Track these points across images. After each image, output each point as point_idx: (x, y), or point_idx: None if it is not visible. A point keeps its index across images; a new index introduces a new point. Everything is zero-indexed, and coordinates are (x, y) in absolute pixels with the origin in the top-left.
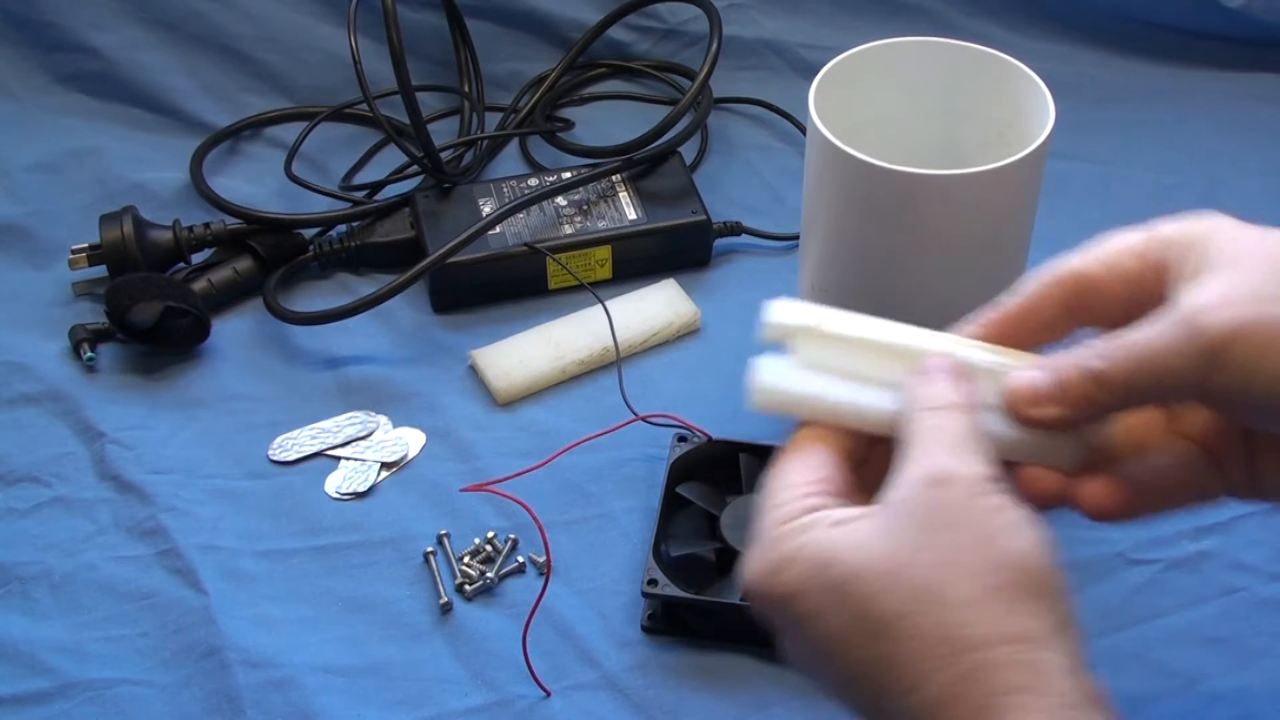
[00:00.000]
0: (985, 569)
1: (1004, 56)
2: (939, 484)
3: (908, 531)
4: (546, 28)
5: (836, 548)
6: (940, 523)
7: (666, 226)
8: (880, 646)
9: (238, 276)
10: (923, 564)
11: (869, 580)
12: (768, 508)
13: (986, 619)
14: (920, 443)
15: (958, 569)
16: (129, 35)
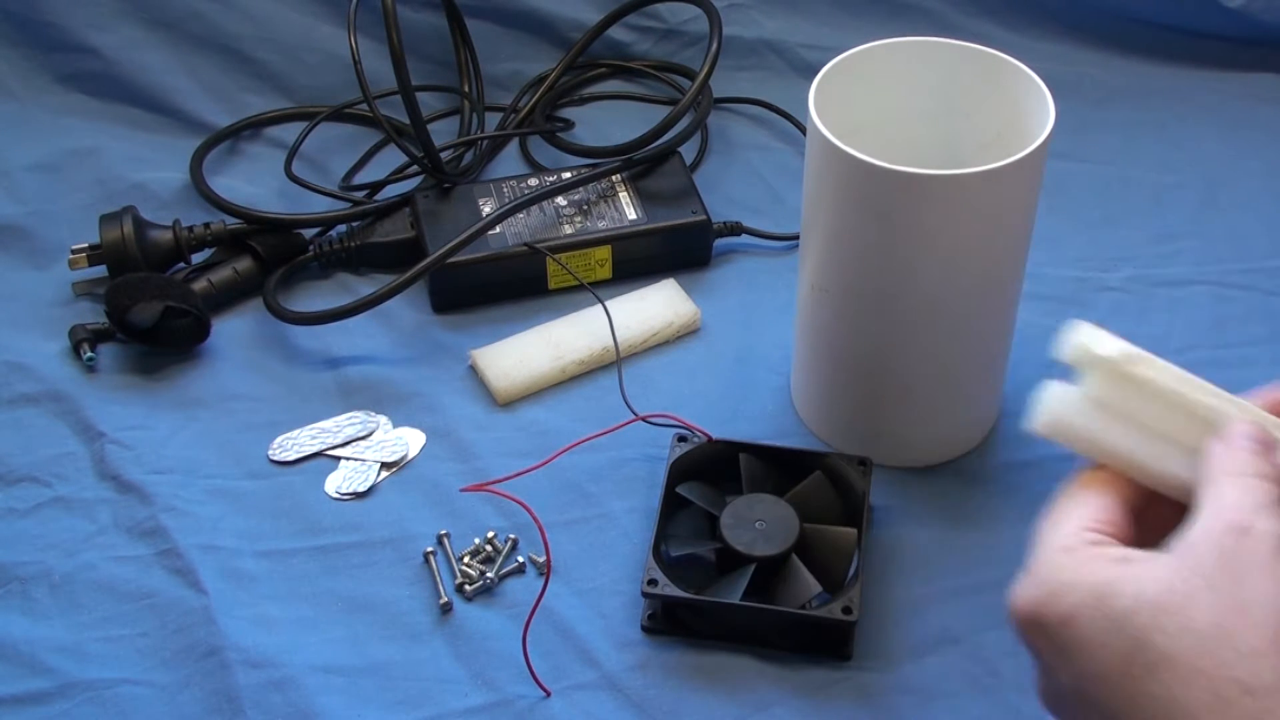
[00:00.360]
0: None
1: (1004, 56)
2: (1239, 533)
3: (1199, 574)
4: (546, 28)
5: (1120, 579)
6: (1235, 570)
7: (666, 226)
8: (1157, 683)
9: (238, 276)
10: (1212, 607)
11: (1152, 615)
12: (1047, 536)
13: (1274, 669)
14: (1221, 498)
15: (1249, 617)
16: (129, 35)
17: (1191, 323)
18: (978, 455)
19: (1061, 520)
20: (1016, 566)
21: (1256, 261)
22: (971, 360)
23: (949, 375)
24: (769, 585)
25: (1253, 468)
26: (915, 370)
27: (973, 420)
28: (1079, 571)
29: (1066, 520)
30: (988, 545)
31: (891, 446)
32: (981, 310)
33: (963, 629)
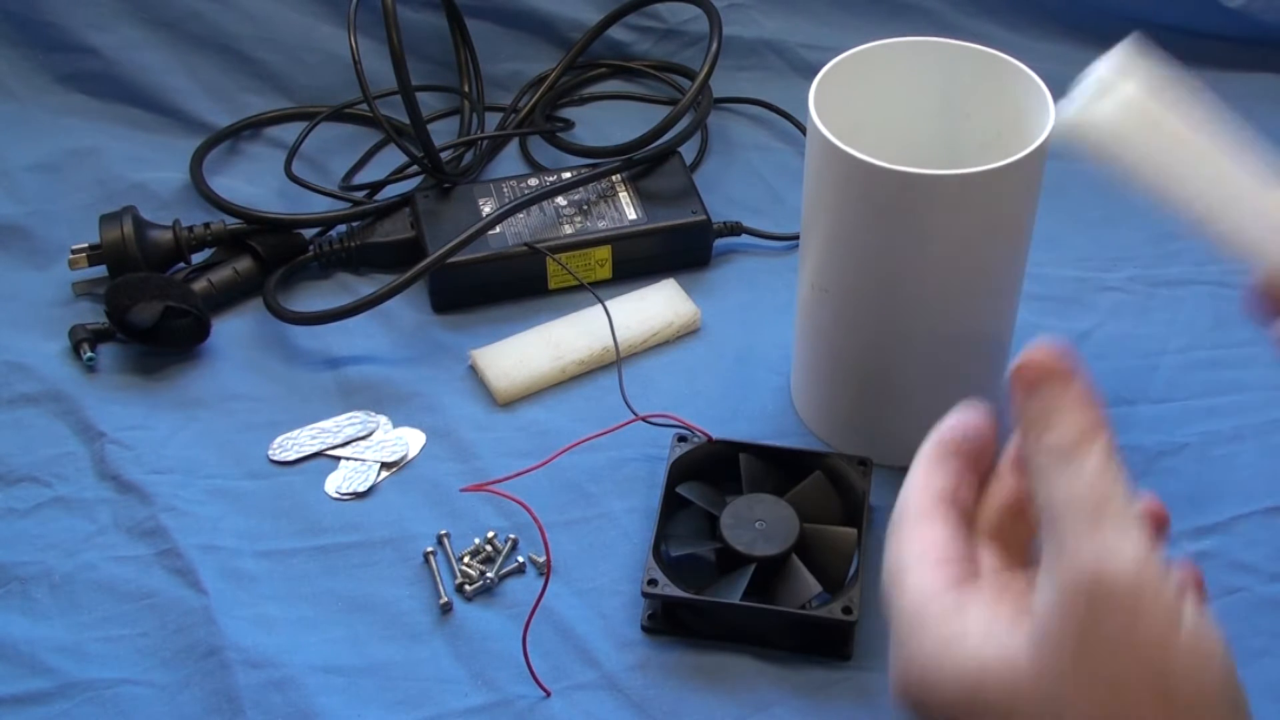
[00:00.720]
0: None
1: (1004, 56)
2: (1092, 600)
3: (1064, 658)
4: (546, 28)
5: (986, 670)
6: (1102, 651)
7: (666, 226)
8: None
9: (238, 276)
10: (1085, 706)
11: (1026, 714)
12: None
13: None
14: (1057, 517)
15: (1124, 706)
16: (129, 35)
17: (1191, 323)
18: None
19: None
20: None
21: None
22: (971, 360)
23: (949, 375)
24: (769, 585)
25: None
26: (915, 370)
27: None
28: (952, 661)
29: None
30: None
31: (891, 446)
32: (981, 310)
33: None
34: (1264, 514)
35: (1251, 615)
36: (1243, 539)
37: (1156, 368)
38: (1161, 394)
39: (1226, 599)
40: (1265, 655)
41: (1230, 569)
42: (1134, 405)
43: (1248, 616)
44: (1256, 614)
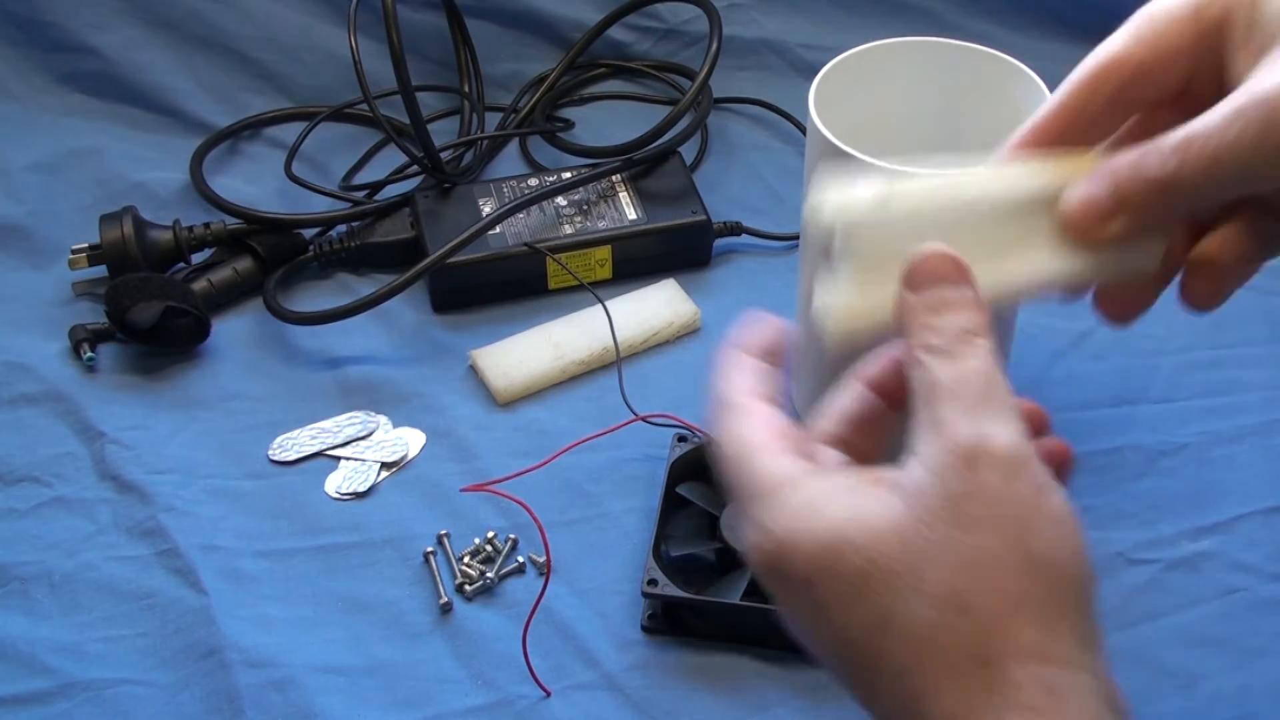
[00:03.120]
0: (1015, 576)
1: (1004, 56)
2: (967, 463)
3: (934, 521)
4: (546, 28)
5: (851, 531)
6: (969, 519)
7: (666, 226)
8: (893, 650)
9: (238, 276)
10: (947, 564)
11: (887, 579)
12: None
13: (1010, 633)
14: (937, 399)
15: (986, 574)
16: (129, 35)
17: (1191, 323)
18: None
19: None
20: None
21: None
22: None
23: None
24: None
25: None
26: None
27: None
28: (809, 522)
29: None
30: None
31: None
32: None
33: None
34: (1264, 514)
35: (1251, 615)
36: (1243, 539)
37: (1156, 368)
38: (1161, 394)
39: (1226, 599)
40: (1265, 655)
41: (1230, 569)
42: (1134, 405)
43: (1248, 616)
44: (1256, 614)
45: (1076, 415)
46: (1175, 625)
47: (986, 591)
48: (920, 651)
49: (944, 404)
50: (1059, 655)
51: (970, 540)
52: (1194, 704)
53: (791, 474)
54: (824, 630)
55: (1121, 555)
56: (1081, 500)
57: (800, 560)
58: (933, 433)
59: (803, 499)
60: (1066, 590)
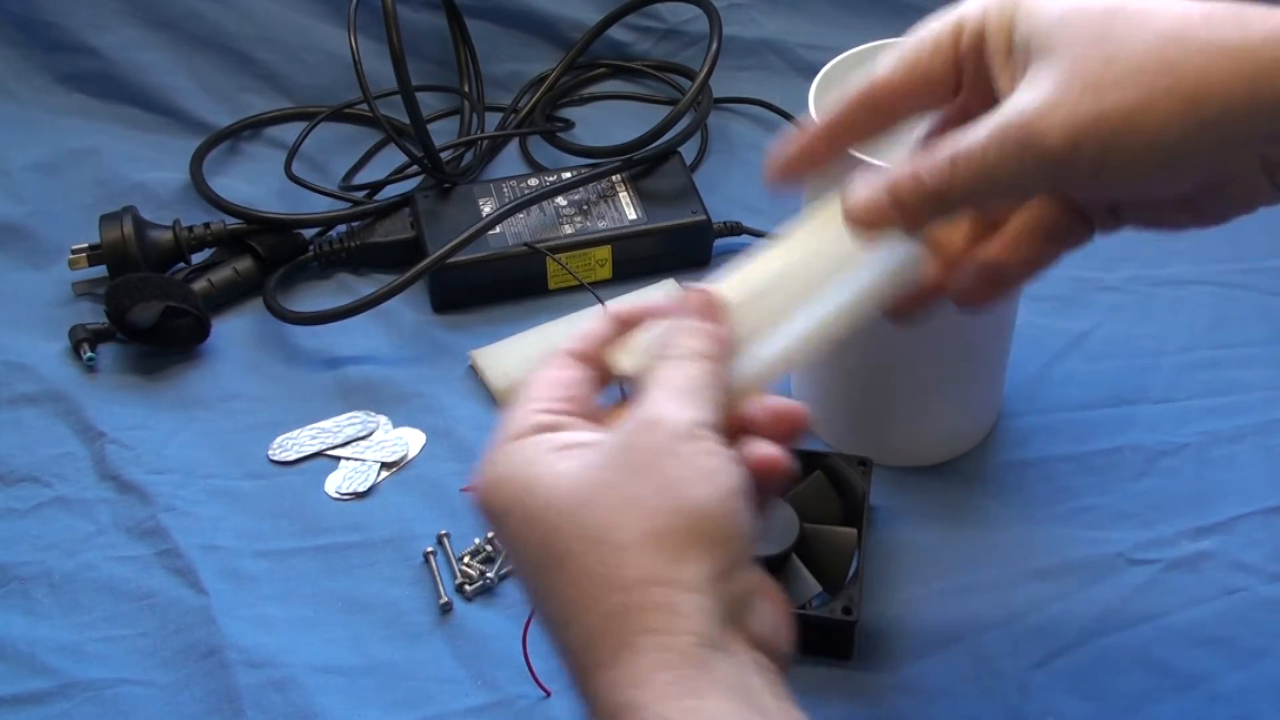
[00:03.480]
0: (658, 513)
1: None
2: (647, 428)
3: (603, 471)
4: (546, 28)
5: (540, 478)
6: (634, 465)
7: (666, 226)
8: (553, 580)
9: (238, 276)
10: (604, 504)
11: (555, 515)
12: (508, 416)
13: (642, 562)
14: (647, 389)
15: (633, 512)
16: (129, 35)
17: (1191, 323)
18: (978, 455)
19: (520, 400)
20: (1017, 566)
21: (1256, 261)
22: (971, 360)
23: (949, 375)
24: None
25: (688, 346)
26: (915, 370)
27: (973, 420)
28: (516, 464)
29: (524, 400)
30: (988, 545)
31: (891, 446)
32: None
33: (963, 629)
34: (1264, 514)
35: (1251, 615)
36: (1243, 539)
37: (1156, 368)
38: (1161, 394)
39: (1226, 599)
40: (1265, 655)
41: (1230, 569)
42: (1134, 405)
43: (1248, 616)
44: (1256, 614)
45: (1076, 415)
46: (1175, 625)
47: (631, 526)
48: (578, 579)
49: (649, 391)
50: (685, 581)
51: (625, 484)
52: (1194, 704)
53: (526, 426)
54: (517, 558)
55: (1121, 555)
56: (1081, 500)
57: (500, 497)
58: (632, 414)
59: (520, 451)
60: (705, 529)
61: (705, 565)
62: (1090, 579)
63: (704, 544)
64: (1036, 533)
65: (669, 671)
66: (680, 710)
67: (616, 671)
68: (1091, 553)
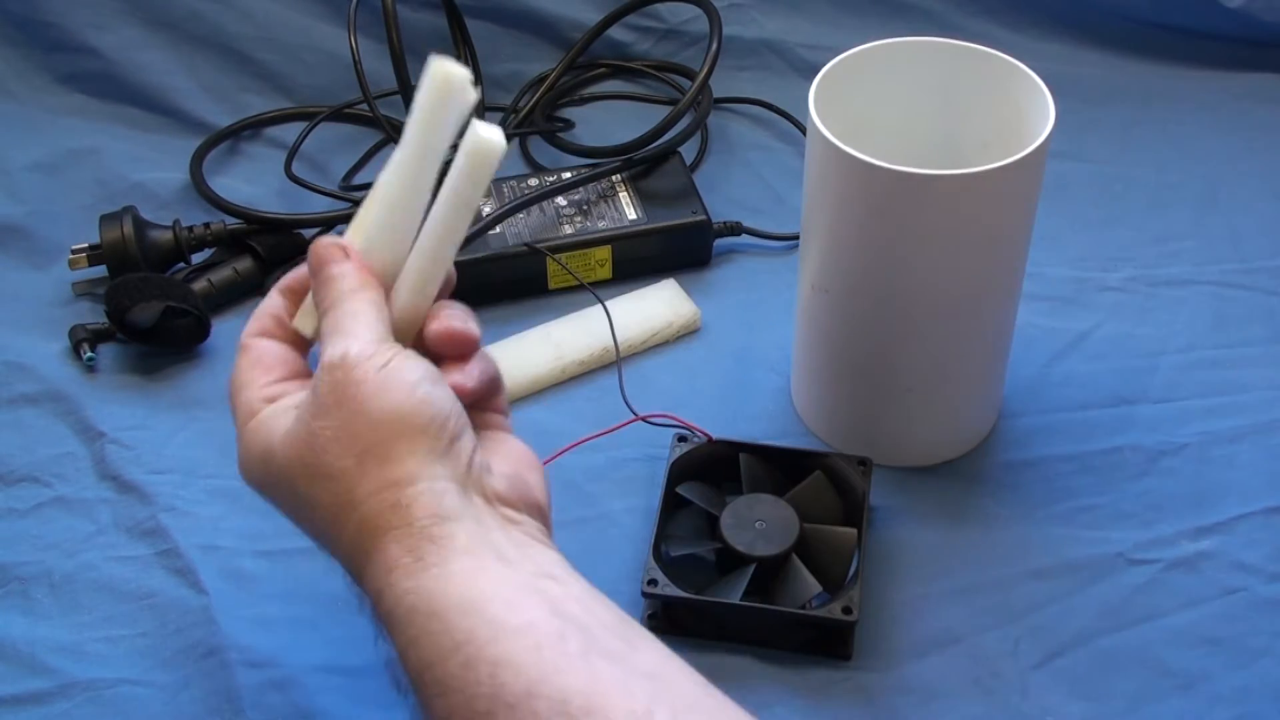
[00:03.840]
0: (362, 434)
1: (1004, 56)
2: (328, 370)
3: (309, 419)
4: (546, 28)
5: (271, 445)
6: (332, 403)
7: (666, 226)
8: (313, 523)
9: (238, 276)
10: (318, 447)
11: (289, 469)
12: (234, 406)
13: (362, 478)
14: (325, 337)
15: (342, 442)
16: (129, 35)
17: (1191, 323)
18: (978, 455)
19: (242, 386)
20: (1017, 566)
21: (1256, 261)
22: (971, 360)
23: (949, 375)
24: (769, 585)
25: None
26: (915, 370)
27: (973, 420)
28: (254, 442)
29: (247, 386)
30: (988, 545)
31: (891, 446)
32: (981, 310)
33: (963, 629)
34: (1264, 514)
35: (1251, 615)
36: (1243, 539)
37: (1156, 368)
38: (1161, 394)
39: (1226, 599)
40: (1265, 655)
41: (1230, 569)
42: (1134, 405)
43: (1248, 616)
44: (1256, 614)
45: (1076, 415)
46: (1175, 625)
47: (344, 455)
48: (324, 514)
49: (324, 340)
50: (403, 478)
51: (327, 422)
52: (1194, 704)
53: (254, 408)
54: (290, 518)
55: (1121, 555)
56: (1081, 500)
57: (254, 475)
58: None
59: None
60: (408, 426)
61: (417, 456)
62: (1090, 579)
63: (406, 439)
64: (1036, 533)
65: (409, 554)
66: (425, 579)
67: (371, 568)
68: (1091, 553)
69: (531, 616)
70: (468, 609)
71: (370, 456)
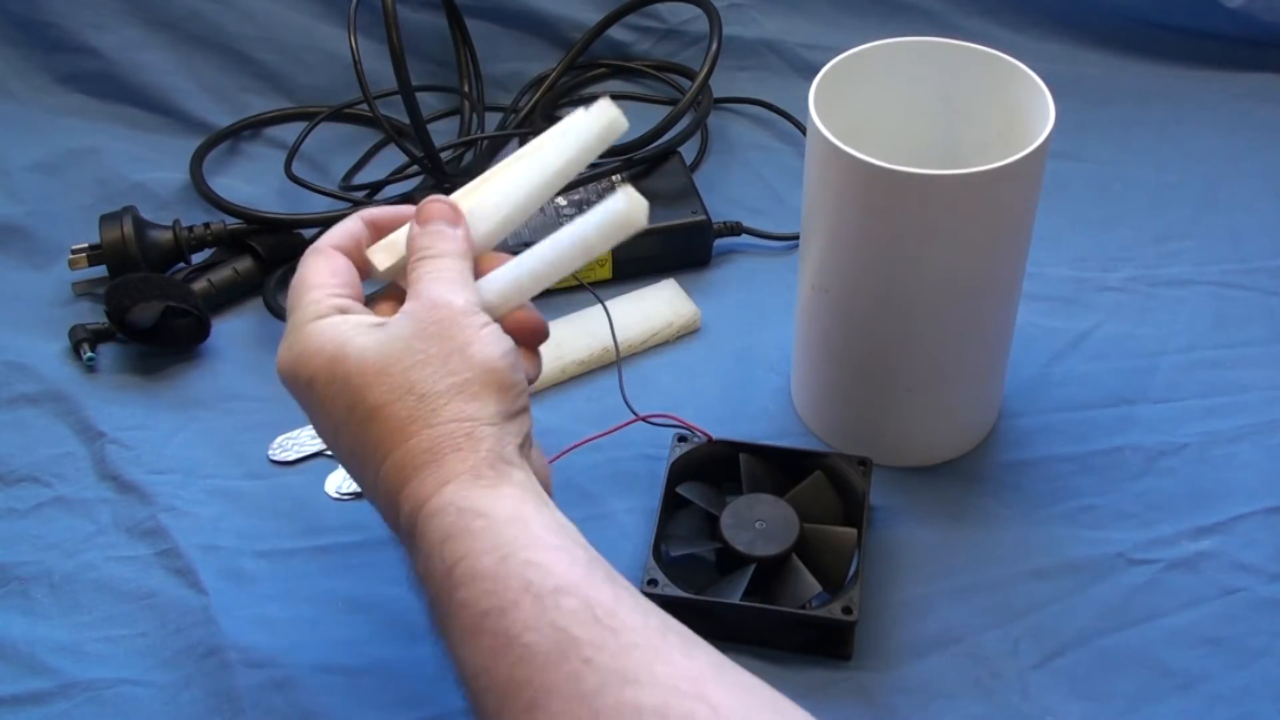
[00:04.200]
0: (454, 370)
1: (1004, 56)
2: (432, 306)
3: (404, 340)
4: (546, 28)
5: (349, 347)
6: (429, 335)
7: (666, 226)
8: (366, 429)
9: (238, 276)
10: (408, 365)
11: (365, 376)
12: (304, 300)
13: (448, 404)
14: (423, 280)
15: (433, 369)
16: (129, 35)
17: (1191, 323)
18: (978, 455)
19: (313, 284)
20: (1017, 566)
21: (1256, 261)
22: (971, 360)
23: (949, 375)
24: (769, 585)
25: (444, 247)
26: (915, 370)
27: (973, 420)
28: (323, 339)
29: (316, 285)
30: (988, 545)
31: (891, 446)
32: (981, 310)
33: (963, 629)
34: (1264, 514)
35: (1251, 615)
36: (1243, 539)
37: (1156, 368)
38: (1161, 394)
39: (1226, 599)
40: (1265, 655)
41: (1230, 569)
42: (1134, 405)
43: (1248, 616)
44: (1256, 614)
45: (1076, 415)
46: (1175, 625)
47: (433, 380)
48: (390, 424)
49: (423, 282)
50: (483, 418)
51: (425, 348)
52: (1194, 704)
53: (324, 308)
54: (324, 416)
55: (1121, 555)
56: (1081, 500)
57: (308, 368)
58: (414, 300)
59: (325, 330)
60: (491, 380)
61: (495, 407)
62: (1090, 579)
63: (493, 391)
64: (1036, 533)
65: (470, 472)
66: (478, 491)
67: (423, 477)
68: (1091, 553)
69: (566, 544)
70: (513, 520)
71: (459, 391)
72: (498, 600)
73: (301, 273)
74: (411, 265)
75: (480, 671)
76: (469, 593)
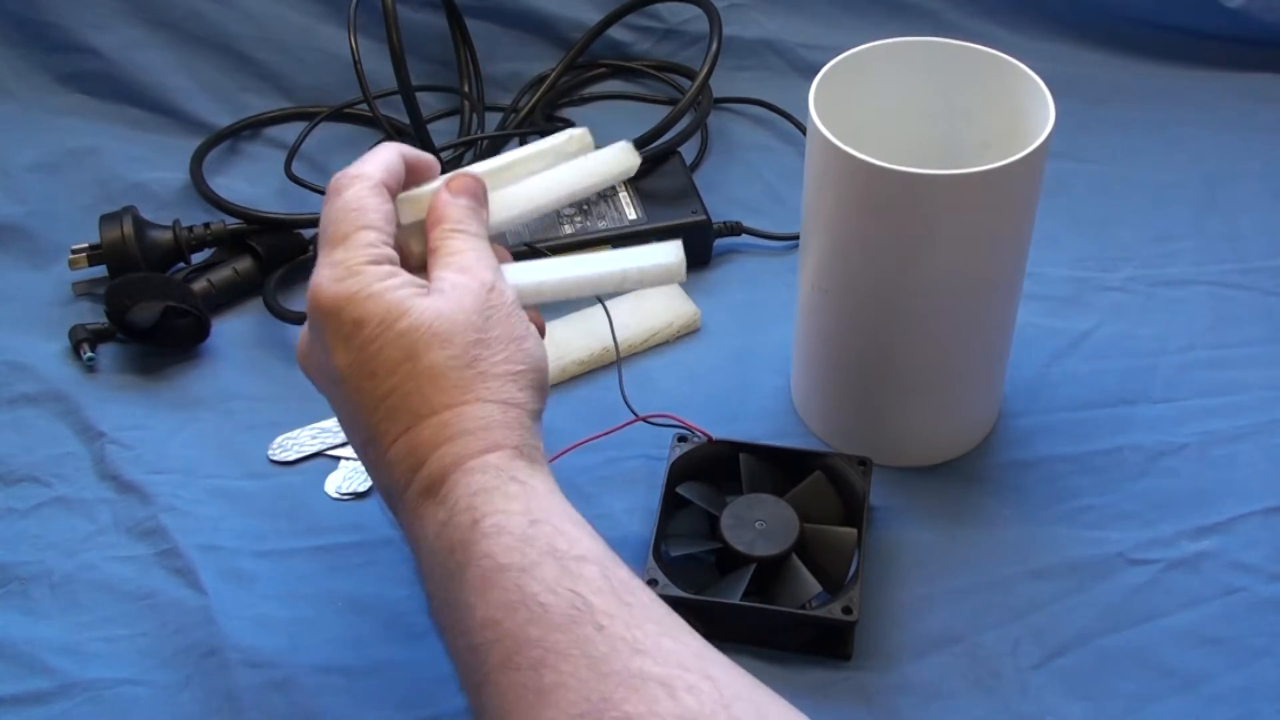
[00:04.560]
0: (512, 359)
1: (1004, 56)
2: (492, 291)
3: (466, 314)
4: (546, 28)
5: (410, 303)
6: (490, 318)
7: (666, 226)
8: (419, 384)
9: (238, 276)
10: (471, 340)
11: (423, 335)
12: (358, 237)
13: (500, 388)
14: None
15: (493, 351)
16: (129, 35)
17: (1191, 323)
18: (978, 455)
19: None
20: (1017, 566)
21: (1256, 261)
22: (971, 360)
23: (949, 375)
24: (769, 585)
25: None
26: (915, 370)
27: (973, 420)
28: (381, 287)
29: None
30: (988, 545)
31: (891, 446)
32: (981, 310)
33: (963, 629)
34: (1264, 514)
35: (1251, 615)
36: (1243, 539)
37: (1156, 368)
38: (1161, 394)
39: (1226, 599)
40: (1265, 655)
41: (1230, 569)
42: (1134, 405)
43: (1248, 616)
44: (1256, 614)
45: (1076, 415)
46: (1175, 625)
47: (490, 360)
48: (441, 384)
49: (467, 257)
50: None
51: (489, 329)
52: (1194, 704)
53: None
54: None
55: (1121, 555)
56: (1081, 500)
57: (361, 309)
58: (458, 273)
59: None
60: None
61: (537, 405)
62: (1090, 579)
63: (537, 389)
64: (1036, 533)
65: (513, 447)
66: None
67: (469, 439)
68: (1091, 553)
69: (589, 530)
70: (550, 494)
71: (514, 378)
72: (520, 558)
73: (360, 203)
74: (441, 233)
75: (490, 623)
76: (493, 545)
